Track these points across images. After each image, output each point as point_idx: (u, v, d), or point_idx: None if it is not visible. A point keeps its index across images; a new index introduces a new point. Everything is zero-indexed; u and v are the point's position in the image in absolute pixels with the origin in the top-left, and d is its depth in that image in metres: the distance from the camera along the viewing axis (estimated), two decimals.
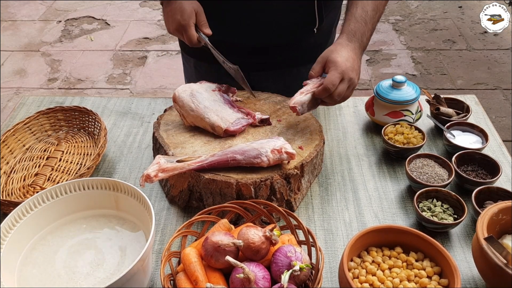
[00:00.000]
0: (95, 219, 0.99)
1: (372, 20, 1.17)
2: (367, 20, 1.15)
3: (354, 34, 1.14)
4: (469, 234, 1.02)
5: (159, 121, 1.20)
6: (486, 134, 1.20)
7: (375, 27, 1.20)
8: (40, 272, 0.89)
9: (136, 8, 4.32)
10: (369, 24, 1.16)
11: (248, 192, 1.01)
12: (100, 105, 1.43)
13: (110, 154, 1.25)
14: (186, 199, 1.08)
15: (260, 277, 0.79)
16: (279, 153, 1.01)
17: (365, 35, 1.15)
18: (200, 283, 0.81)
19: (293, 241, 0.91)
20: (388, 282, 0.84)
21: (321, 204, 1.10)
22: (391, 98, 1.25)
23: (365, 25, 1.15)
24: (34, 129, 1.29)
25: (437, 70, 3.41)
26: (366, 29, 1.15)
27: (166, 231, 1.04)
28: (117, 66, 3.57)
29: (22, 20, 4.23)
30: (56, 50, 3.78)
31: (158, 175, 0.99)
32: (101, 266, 0.90)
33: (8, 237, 0.89)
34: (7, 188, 1.15)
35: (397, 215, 1.07)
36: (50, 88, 3.35)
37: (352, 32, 1.14)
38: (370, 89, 3.22)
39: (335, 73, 1.07)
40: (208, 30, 1.21)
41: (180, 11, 1.18)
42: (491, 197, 1.04)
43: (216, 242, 0.82)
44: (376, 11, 1.18)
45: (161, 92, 3.28)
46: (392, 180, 1.16)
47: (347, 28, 1.15)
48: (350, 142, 1.28)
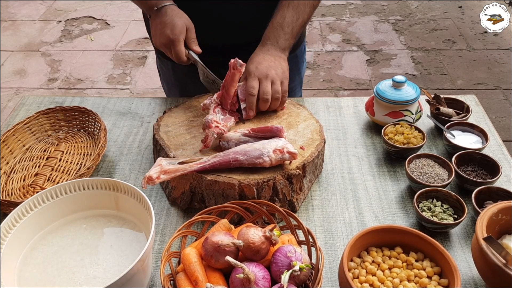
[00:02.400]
0: (95, 219, 0.99)
1: (292, 25, 1.25)
2: (283, 25, 1.24)
3: (267, 38, 1.24)
4: (469, 234, 1.02)
5: (158, 122, 1.20)
6: (486, 134, 1.20)
7: (298, 31, 1.28)
8: (40, 272, 0.89)
9: (136, 8, 4.31)
10: (286, 28, 1.24)
11: (250, 193, 1.01)
12: (100, 105, 1.43)
13: (110, 154, 1.25)
14: (188, 201, 1.07)
15: (260, 277, 0.79)
16: (281, 153, 1.01)
17: (281, 38, 1.24)
18: (200, 283, 0.81)
19: (293, 241, 0.91)
20: (388, 282, 0.84)
21: (321, 204, 1.10)
22: (391, 98, 1.25)
23: (281, 29, 1.24)
24: (34, 129, 1.29)
25: (437, 70, 3.41)
26: (283, 33, 1.24)
27: (166, 231, 1.04)
28: (117, 66, 3.57)
29: (22, 20, 4.23)
30: (56, 50, 3.78)
31: (160, 177, 0.99)
32: (101, 266, 0.90)
33: (8, 237, 0.89)
34: (7, 188, 1.15)
35: (397, 215, 1.07)
36: (50, 88, 3.35)
37: (266, 37, 1.25)
38: (370, 89, 3.22)
39: (250, 78, 1.17)
40: (197, 47, 1.21)
41: (170, 25, 1.17)
42: (491, 197, 1.04)
43: (216, 242, 0.82)
44: (298, 17, 1.26)
45: (161, 92, 3.27)
46: (392, 180, 1.16)
47: (263, 35, 1.25)
48: (350, 142, 1.28)
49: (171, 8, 1.20)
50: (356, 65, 3.50)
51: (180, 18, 1.18)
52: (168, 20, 1.18)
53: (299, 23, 1.27)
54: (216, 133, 1.08)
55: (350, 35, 3.86)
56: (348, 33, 3.89)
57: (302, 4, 1.26)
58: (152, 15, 1.23)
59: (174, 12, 1.20)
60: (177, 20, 1.17)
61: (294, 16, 1.25)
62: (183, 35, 1.18)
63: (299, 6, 1.26)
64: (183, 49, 1.18)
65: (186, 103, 1.27)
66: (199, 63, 1.22)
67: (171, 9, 1.20)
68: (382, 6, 4.27)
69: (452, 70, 3.41)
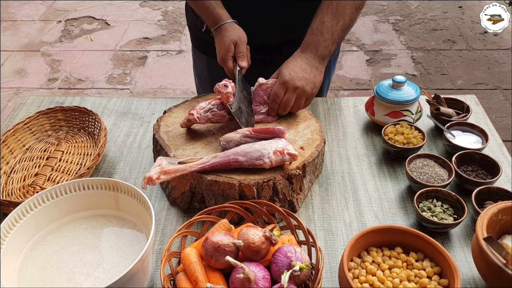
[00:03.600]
0: (95, 219, 0.99)
1: (331, 30, 1.21)
2: (323, 30, 1.20)
3: (308, 45, 1.21)
4: (469, 234, 1.02)
5: (159, 122, 1.20)
6: (486, 134, 1.20)
7: (340, 35, 1.24)
8: (40, 272, 0.89)
9: (136, 8, 4.32)
10: (326, 34, 1.20)
11: (251, 193, 1.01)
12: (100, 105, 1.43)
13: (110, 154, 1.25)
14: (188, 201, 1.07)
15: (260, 277, 0.79)
16: (281, 155, 1.01)
17: (321, 45, 1.20)
18: (200, 283, 0.81)
19: (293, 241, 0.91)
20: (388, 282, 0.84)
21: (321, 204, 1.10)
22: (391, 98, 1.25)
23: (320, 35, 1.20)
24: (34, 129, 1.29)
25: (437, 70, 3.41)
26: (322, 39, 1.20)
27: (166, 231, 1.04)
28: (117, 66, 3.57)
29: (22, 20, 4.23)
30: (56, 50, 3.78)
31: (160, 177, 0.99)
32: (101, 266, 0.90)
33: (8, 237, 0.89)
34: (7, 188, 1.15)
35: (397, 215, 1.07)
36: (50, 88, 3.35)
37: (306, 44, 1.22)
38: (370, 89, 3.22)
39: (278, 84, 1.17)
40: (243, 62, 1.24)
41: (220, 44, 1.23)
42: (491, 197, 1.04)
43: (216, 242, 0.82)
44: (338, 21, 1.21)
45: (161, 92, 3.28)
46: (392, 180, 1.16)
47: (303, 41, 1.23)
48: (350, 142, 1.28)
49: (224, 28, 1.24)
50: (356, 65, 3.50)
51: (227, 36, 1.22)
52: (220, 40, 1.24)
53: (340, 27, 1.22)
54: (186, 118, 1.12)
55: (350, 35, 3.85)
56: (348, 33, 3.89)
57: (341, 6, 1.21)
58: (214, 36, 1.28)
59: (226, 31, 1.24)
60: (225, 39, 1.22)
61: (333, 20, 1.20)
62: (231, 53, 1.23)
63: (338, 9, 1.21)
64: (231, 66, 1.23)
65: (186, 103, 1.27)
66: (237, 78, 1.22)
67: (224, 29, 1.24)
68: (382, 6, 4.27)
69: (452, 70, 3.41)
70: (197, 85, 1.66)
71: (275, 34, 1.36)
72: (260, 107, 1.21)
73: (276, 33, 1.36)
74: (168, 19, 4.14)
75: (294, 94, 1.16)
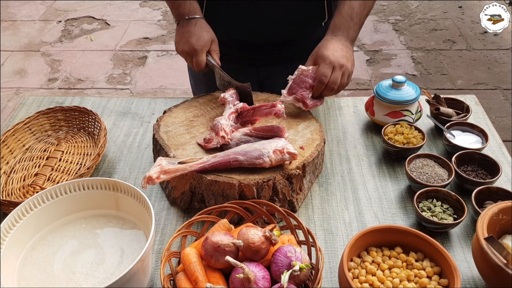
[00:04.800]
0: (95, 219, 0.99)
1: (359, 16, 1.24)
2: (353, 15, 1.23)
3: (339, 28, 1.23)
4: (469, 234, 1.02)
5: (158, 122, 1.20)
6: (486, 134, 1.20)
7: (363, 22, 1.27)
8: (40, 272, 0.89)
9: (136, 8, 4.32)
10: (355, 19, 1.23)
11: (250, 193, 1.01)
12: (100, 105, 1.43)
13: (110, 154, 1.25)
14: (188, 201, 1.07)
15: (260, 277, 0.79)
16: (281, 154, 1.01)
17: (351, 29, 1.23)
18: (200, 283, 0.81)
19: (293, 241, 0.91)
20: (388, 282, 0.84)
21: (321, 204, 1.10)
22: (391, 98, 1.25)
23: (350, 20, 1.23)
24: (34, 129, 1.29)
25: (437, 70, 3.41)
26: (352, 24, 1.23)
27: (166, 231, 1.04)
28: (117, 66, 3.57)
29: (22, 20, 4.23)
30: (56, 50, 3.78)
31: (160, 177, 0.99)
32: (101, 266, 0.90)
33: (8, 237, 0.89)
34: (7, 188, 1.15)
35: (397, 215, 1.07)
36: (50, 88, 3.35)
37: (337, 27, 1.23)
38: (370, 89, 3.22)
39: (324, 65, 1.16)
40: (218, 60, 1.26)
41: (197, 36, 1.24)
42: (491, 197, 1.04)
43: (216, 242, 0.82)
44: (364, 7, 1.25)
45: (161, 92, 3.28)
46: (392, 180, 1.16)
47: (332, 23, 1.24)
48: (350, 142, 1.28)
49: (200, 21, 1.27)
50: (356, 65, 3.47)
51: (207, 32, 1.25)
52: (196, 31, 1.24)
53: (365, 14, 1.26)
54: (220, 143, 1.09)
55: None
56: None
57: None
58: (180, 22, 1.28)
59: (203, 25, 1.26)
60: (204, 33, 1.24)
61: (361, 6, 1.24)
62: (207, 47, 1.25)
63: None
64: (204, 58, 1.24)
65: (186, 103, 1.27)
66: (216, 67, 1.25)
67: (200, 22, 1.26)
68: (382, 6, 4.27)
69: (452, 70, 3.40)
70: (192, 87, 1.66)
71: (272, 34, 1.36)
72: (307, 92, 1.19)
73: (273, 33, 1.36)
74: (168, 19, 4.14)
75: (340, 72, 1.17)
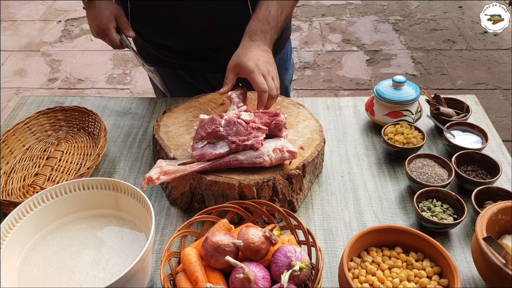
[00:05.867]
0: (95, 219, 0.99)
1: (276, 20, 1.21)
2: (269, 19, 1.20)
3: (255, 33, 1.19)
4: (469, 234, 1.02)
5: (158, 122, 1.20)
6: (486, 134, 1.20)
7: (282, 25, 1.24)
8: (40, 272, 0.89)
9: None
10: (271, 23, 1.21)
11: (250, 193, 1.01)
12: (100, 105, 1.43)
13: (110, 154, 1.25)
14: (188, 201, 1.07)
15: (260, 277, 0.79)
16: (281, 152, 1.01)
17: (268, 33, 1.20)
18: (200, 283, 0.81)
19: (293, 241, 0.91)
20: (388, 282, 0.84)
21: (321, 204, 1.10)
22: (391, 98, 1.25)
23: (267, 24, 1.20)
24: (34, 129, 1.29)
25: (437, 70, 3.41)
26: (269, 27, 1.20)
27: (166, 231, 1.04)
28: (117, 66, 3.57)
29: (22, 20, 4.23)
30: (56, 50, 3.78)
31: (160, 178, 0.99)
32: (101, 266, 0.90)
33: (8, 237, 0.89)
34: (7, 188, 1.15)
35: (397, 215, 1.07)
36: (50, 88, 3.35)
37: (253, 32, 1.19)
38: (370, 89, 3.22)
39: (254, 75, 1.12)
40: (131, 32, 1.27)
41: (99, 16, 1.25)
42: (491, 197, 1.04)
43: (216, 242, 0.82)
44: (282, 11, 1.22)
45: None
46: (392, 180, 1.16)
47: (249, 27, 1.20)
48: (350, 142, 1.28)
49: (99, 2, 1.27)
50: (356, 65, 3.50)
51: (107, 8, 1.25)
52: (96, 12, 1.26)
53: (283, 18, 1.24)
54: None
55: (350, 35, 3.86)
56: (348, 33, 3.89)
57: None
58: (86, 9, 1.30)
59: (102, 3, 1.26)
60: (104, 10, 1.25)
61: (278, 10, 1.21)
62: (113, 23, 1.25)
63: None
64: (115, 36, 1.25)
65: (186, 103, 1.27)
66: (130, 47, 1.27)
67: (99, 2, 1.27)
68: (382, 6, 4.27)
69: (452, 70, 3.40)
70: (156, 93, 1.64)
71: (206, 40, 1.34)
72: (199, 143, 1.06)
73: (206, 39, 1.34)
74: None
75: (270, 77, 1.16)
